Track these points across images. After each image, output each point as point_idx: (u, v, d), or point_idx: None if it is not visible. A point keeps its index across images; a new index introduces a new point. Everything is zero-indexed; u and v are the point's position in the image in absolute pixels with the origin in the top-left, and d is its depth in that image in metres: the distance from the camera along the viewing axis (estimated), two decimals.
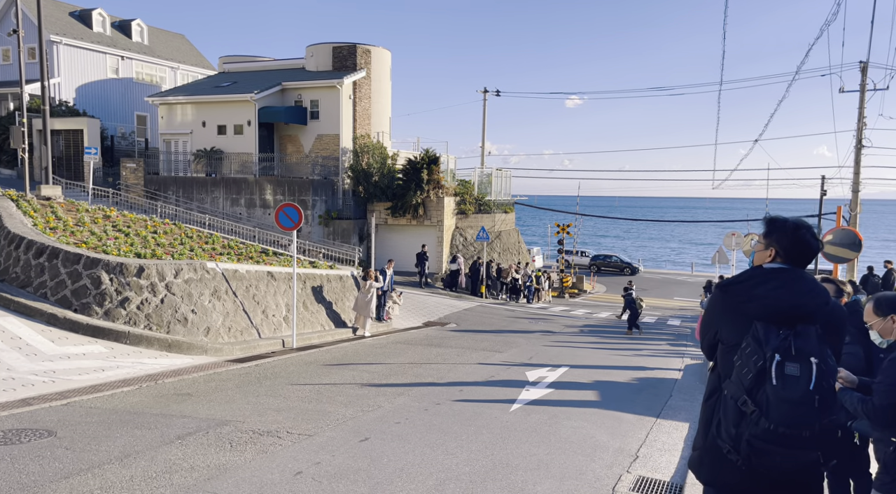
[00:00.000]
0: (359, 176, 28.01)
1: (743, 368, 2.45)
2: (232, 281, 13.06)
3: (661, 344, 16.50)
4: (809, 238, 2.64)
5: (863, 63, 23.63)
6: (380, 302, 17.46)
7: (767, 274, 2.62)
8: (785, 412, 2.34)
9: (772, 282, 2.57)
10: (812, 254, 2.66)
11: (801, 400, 2.32)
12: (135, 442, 5.81)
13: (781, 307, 2.49)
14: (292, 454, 5.66)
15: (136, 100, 34.46)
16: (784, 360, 2.37)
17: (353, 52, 29.44)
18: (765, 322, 2.48)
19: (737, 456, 2.47)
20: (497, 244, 30.68)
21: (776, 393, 2.35)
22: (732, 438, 2.47)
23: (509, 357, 12.36)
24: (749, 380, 2.41)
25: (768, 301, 2.52)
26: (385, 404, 7.72)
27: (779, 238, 2.65)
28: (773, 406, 2.35)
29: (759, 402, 2.39)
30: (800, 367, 2.35)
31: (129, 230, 14.81)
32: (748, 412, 2.41)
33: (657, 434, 7.04)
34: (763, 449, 2.40)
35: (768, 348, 2.41)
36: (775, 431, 2.35)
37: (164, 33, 39.97)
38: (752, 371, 2.41)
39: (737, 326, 2.56)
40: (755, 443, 2.40)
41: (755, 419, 2.39)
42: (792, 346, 2.39)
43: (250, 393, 8.07)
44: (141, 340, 10.58)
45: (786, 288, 2.53)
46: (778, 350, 2.40)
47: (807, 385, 2.32)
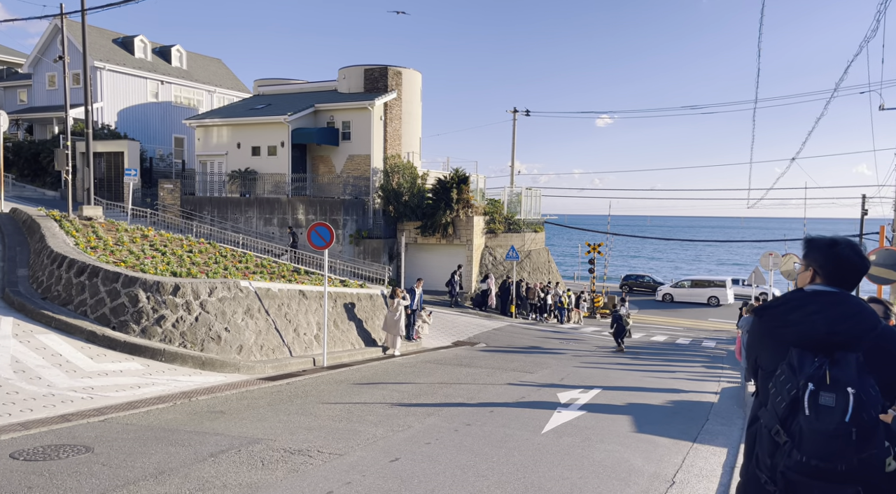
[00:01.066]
0: (389, 195, 28.27)
1: (777, 396, 2.36)
2: (264, 300, 13.22)
3: (695, 367, 16.13)
4: (850, 254, 2.52)
5: None
6: (409, 321, 17.48)
7: (806, 297, 2.51)
8: (818, 444, 2.23)
9: (810, 307, 2.45)
10: (855, 272, 2.53)
11: (836, 432, 2.20)
12: (169, 459, 5.87)
13: (817, 333, 2.37)
14: (323, 473, 5.65)
15: (175, 123, 35.48)
16: (818, 390, 2.27)
17: (385, 74, 29.90)
18: (800, 348, 2.37)
19: (774, 488, 2.37)
20: (527, 263, 30.53)
21: (809, 423, 2.25)
22: (769, 468, 2.38)
23: (540, 378, 12.22)
24: (783, 409, 2.33)
25: (803, 326, 2.41)
26: (415, 424, 7.68)
27: (816, 257, 2.56)
28: (806, 437, 2.25)
29: (791, 433, 2.29)
30: (835, 397, 2.23)
31: (166, 249, 15.15)
32: (781, 442, 2.32)
33: (694, 459, 6.85)
34: (799, 482, 2.29)
35: (802, 376, 2.31)
36: (808, 463, 2.25)
37: (201, 58, 41.21)
38: (785, 400, 2.33)
39: (774, 352, 2.46)
40: (790, 475, 2.31)
41: (788, 450, 2.30)
42: (827, 375, 2.27)
43: (282, 412, 8.11)
44: (176, 358, 10.76)
45: (823, 312, 2.41)
46: (812, 378, 2.29)
47: (842, 416, 2.20)
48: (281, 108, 29.69)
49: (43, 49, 34.01)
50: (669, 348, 20.68)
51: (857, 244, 2.60)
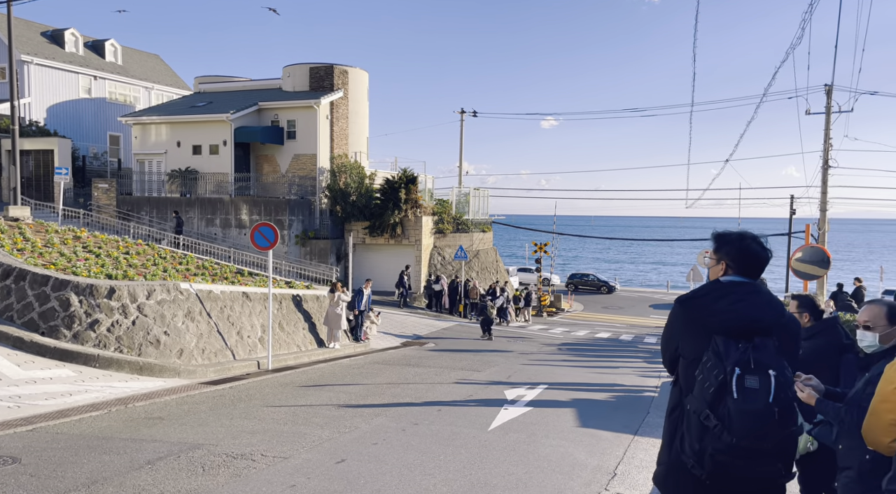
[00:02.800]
0: (336, 195, 27.95)
1: (705, 382, 2.45)
2: (206, 302, 12.86)
3: (637, 362, 16.59)
4: (756, 247, 2.67)
5: (828, 86, 24.37)
6: (357, 322, 17.33)
7: (726, 287, 2.64)
8: (747, 425, 2.35)
9: (731, 296, 2.59)
10: (761, 263, 2.67)
11: (762, 412, 2.34)
12: (103, 468, 5.63)
13: (742, 321, 2.51)
14: (267, 477, 5.54)
15: (110, 120, 34.07)
16: (744, 373, 2.39)
17: (331, 73, 29.56)
18: (724, 335, 2.50)
19: (701, 471, 2.47)
20: (475, 263, 30.73)
21: (737, 406, 2.36)
22: (696, 453, 2.47)
23: (488, 376, 12.32)
24: (711, 394, 2.42)
25: (729, 315, 2.53)
26: (362, 425, 7.61)
27: (728, 250, 2.69)
28: (735, 419, 2.36)
29: (721, 416, 2.39)
30: (759, 380, 2.37)
31: (101, 251, 14.54)
32: (711, 426, 2.41)
33: (634, 451, 7.04)
34: (727, 463, 2.41)
35: (728, 362, 2.42)
36: (738, 445, 2.36)
37: (138, 53, 39.75)
38: (713, 385, 2.42)
39: (697, 340, 2.57)
40: (719, 457, 2.41)
41: (718, 433, 2.40)
42: (751, 359, 2.41)
43: (224, 416, 7.90)
44: (111, 363, 10.33)
45: (745, 301, 2.56)
46: (738, 363, 2.41)
47: (766, 397, 2.34)
48: (223, 106, 28.95)
49: None
50: (613, 344, 21.20)
51: (760, 237, 2.76)
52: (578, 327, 26.30)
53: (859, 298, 20.49)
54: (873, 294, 27.95)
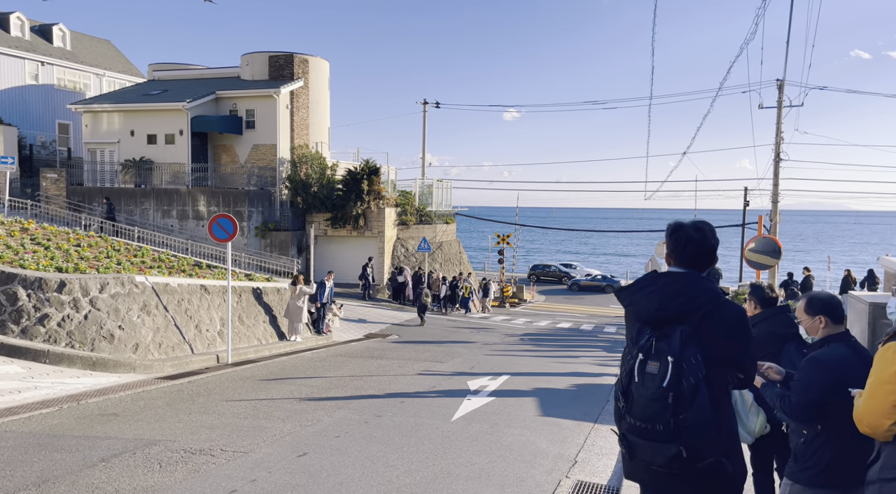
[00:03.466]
0: (297, 186, 27.55)
1: (622, 368, 2.63)
2: (163, 296, 12.54)
3: (598, 351, 16.88)
4: (690, 233, 2.67)
5: (779, 81, 25.09)
6: (320, 314, 17.16)
7: (653, 278, 2.73)
8: (641, 407, 2.50)
9: (651, 287, 2.67)
10: (699, 250, 2.66)
11: (654, 395, 2.45)
12: (54, 467, 5.45)
13: (649, 310, 2.61)
14: (226, 472, 5.45)
15: (58, 108, 32.79)
16: (646, 359, 2.52)
17: (291, 62, 29.04)
18: (641, 324, 2.64)
19: (624, 451, 2.65)
20: (438, 255, 30.74)
21: (636, 389, 2.52)
22: (619, 434, 2.66)
23: (451, 367, 12.36)
24: (624, 378, 2.60)
25: (640, 305, 2.66)
26: (324, 418, 7.55)
27: (668, 242, 2.76)
28: (634, 401, 2.53)
29: (627, 399, 2.57)
30: (659, 366, 2.47)
31: (50, 243, 14.02)
32: (620, 408, 2.61)
33: (595, 438, 7.17)
34: (634, 442, 2.56)
35: (636, 348, 2.58)
36: (635, 425, 2.52)
37: (88, 39, 38.32)
38: (625, 369, 2.60)
39: (629, 328, 2.74)
40: (629, 437, 2.58)
41: (623, 414, 2.58)
42: (653, 346, 2.52)
43: (182, 411, 7.74)
44: (62, 359, 9.99)
45: (658, 292, 2.62)
46: (641, 349, 2.55)
47: (661, 382, 2.44)
48: (179, 95, 28.17)
49: None
50: (574, 334, 21.53)
51: (703, 225, 2.72)
52: (540, 317, 26.61)
53: (808, 287, 21.27)
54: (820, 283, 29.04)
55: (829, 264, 32.61)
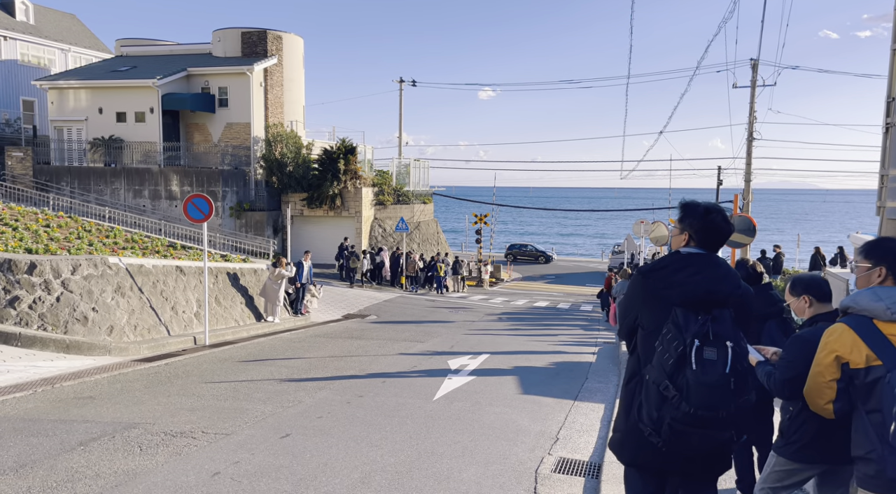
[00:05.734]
0: (272, 166, 27.17)
1: (664, 354, 2.50)
2: (137, 277, 12.32)
3: (575, 329, 17.07)
4: (720, 222, 2.71)
5: (753, 60, 25.32)
6: (298, 295, 17.05)
7: (685, 259, 2.68)
8: (704, 395, 2.41)
9: (690, 268, 2.62)
10: (722, 238, 2.73)
11: (718, 382, 2.40)
12: (31, 451, 5.35)
13: (699, 292, 2.56)
14: (209, 454, 5.41)
15: (22, 84, 31.71)
16: (703, 345, 2.45)
17: (264, 38, 28.43)
18: (684, 307, 2.54)
19: (658, 439, 2.54)
20: (416, 235, 30.68)
21: (696, 377, 2.42)
22: (654, 421, 2.53)
23: (431, 346, 12.40)
24: (670, 366, 2.47)
25: (687, 287, 2.57)
26: (306, 399, 7.53)
27: (691, 222, 2.73)
28: (693, 389, 2.42)
29: (679, 386, 2.45)
30: (717, 351, 2.43)
31: (18, 224, 13.66)
32: (670, 396, 2.47)
33: (575, 416, 7.27)
34: (683, 432, 2.48)
35: (688, 334, 2.48)
36: (695, 414, 2.43)
37: (52, 12, 36.99)
38: (672, 356, 2.47)
39: (657, 312, 2.61)
40: (676, 426, 2.47)
41: (676, 403, 2.46)
42: (710, 331, 2.47)
43: (160, 394, 7.65)
44: (34, 342, 9.79)
45: (702, 273, 2.60)
46: (697, 335, 2.47)
47: (723, 368, 2.41)
48: (148, 71, 27.44)
49: None
50: (551, 313, 21.74)
51: (725, 211, 2.81)
52: (518, 296, 26.80)
53: (779, 264, 21.71)
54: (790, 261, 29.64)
55: (798, 242, 33.32)
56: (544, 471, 5.30)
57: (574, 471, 5.36)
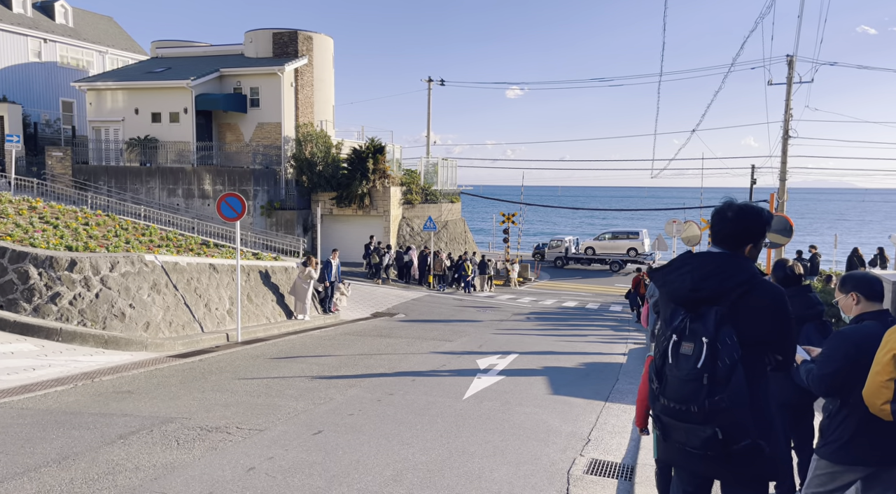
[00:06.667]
0: (302, 165, 27.45)
1: (656, 349, 2.62)
2: (172, 274, 12.58)
3: (605, 330, 16.92)
4: (725, 214, 2.64)
5: (790, 57, 24.74)
6: (327, 293, 17.22)
7: (688, 258, 2.71)
8: (675, 388, 2.48)
9: (685, 267, 2.64)
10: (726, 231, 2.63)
11: (688, 376, 2.43)
12: (73, 444, 5.51)
13: (682, 291, 2.57)
14: (243, 449, 5.50)
15: (62, 86, 32.60)
16: (680, 340, 2.50)
17: (295, 39, 28.74)
18: (675, 304, 2.60)
19: (658, 432, 2.65)
20: (444, 234, 30.73)
21: (671, 370, 2.51)
22: (654, 415, 2.65)
23: (459, 346, 12.41)
24: (658, 360, 2.58)
25: (674, 285, 2.63)
26: (337, 396, 7.60)
27: (710, 220, 2.76)
28: (669, 382, 2.51)
29: (661, 380, 2.55)
30: (693, 347, 2.45)
31: (58, 222, 14.05)
32: (654, 389, 2.59)
33: (607, 417, 7.21)
34: (668, 424, 2.55)
35: (669, 329, 2.56)
36: (669, 406, 2.51)
37: (90, 15, 37.94)
38: (659, 351, 2.58)
39: (663, 309, 2.71)
40: (663, 418, 2.57)
41: (657, 395, 2.57)
42: (687, 327, 2.50)
43: (195, 389, 7.80)
44: (75, 337, 10.07)
45: (693, 272, 2.58)
46: (675, 330, 2.53)
47: (695, 363, 2.42)
48: (183, 72, 27.96)
49: None
50: (580, 313, 21.57)
51: (745, 205, 2.67)
52: (546, 296, 26.65)
53: (815, 265, 21.20)
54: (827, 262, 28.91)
55: (835, 242, 32.48)
56: (576, 472, 5.27)
57: (607, 473, 5.31)
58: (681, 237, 21.61)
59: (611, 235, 39.72)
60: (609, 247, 38.61)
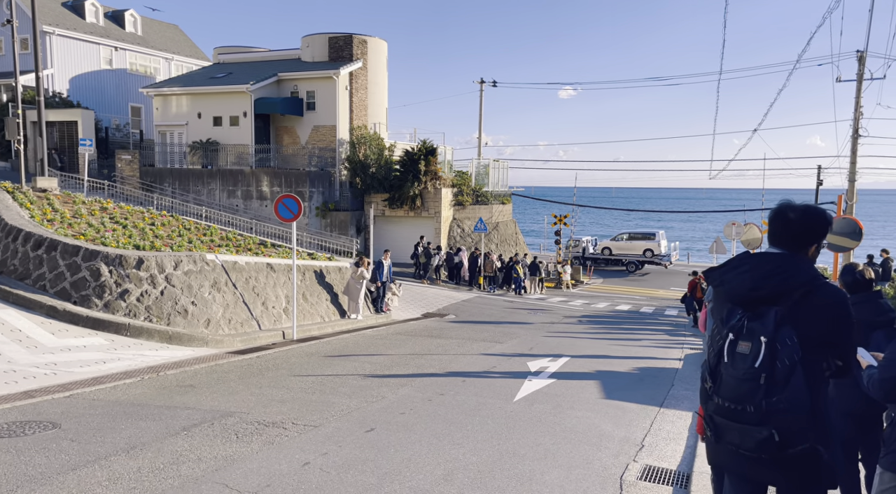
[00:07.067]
0: (356, 167, 27.92)
1: (710, 348, 2.59)
2: (231, 273, 13.01)
3: (659, 335, 16.54)
4: (783, 215, 2.60)
5: (860, 52, 23.62)
6: (379, 293, 17.46)
7: (745, 258, 2.68)
8: (731, 387, 2.45)
9: (743, 267, 2.61)
10: (782, 232, 2.59)
11: (745, 376, 2.40)
12: (140, 434, 5.79)
13: (741, 290, 2.55)
14: (299, 445, 5.65)
15: (131, 92, 34.20)
16: (736, 339, 2.48)
17: (350, 43, 29.26)
18: (732, 304, 2.58)
19: (710, 434, 2.59)
20: (494, 235, 30.68)
21: (726, 370, 2.48)
22: (705, 416, 2.61)
23: (510, 347, 12.38)
24: (712, 359, 2.56)
25: (732, 284, 2.60)
26: (389, 395, 7.71)
27: (768, 221, 2.71)
28: (724, 382, 2.49)
29: (715, 380, 2.53)
30: (750, 346, 2.42)
31: (127, 222, 14.73)
32: (707, 388, 2.56)
33: (661, 423, 7.06)
34: (721, 424, 2.51)
35: (726, 328, 2.54)
36: (724, 406, 2.47)
37: (157, 24, 39.64)
38: (714, 350, 2.56)
39: (718, 309, 2.68)
40: (716, 419, 2.53)
41: (710, 395, 2.54)
42: (745, 326, 2.47)
43: (253, 385, 8.05)
44: (141, 332, 10.55)
45: (753, 271, 2.56)
46: (732, 329, 2.51)
47: (753, 362, 2.39)
48: (242, 77, 28.87)
49: None
50: (634, 316, 21.16)
51: (808, 206, 2.62)
52: (598, 299, 26.25)
53: (887, 270, 20.14)
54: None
55: None
56: (630, 478, 5.19)
57: (661, 480, 5.22)
58: (740, 240, 20.92)
59: (628, 236, 39.09)
60: (626, 247, 38.02)
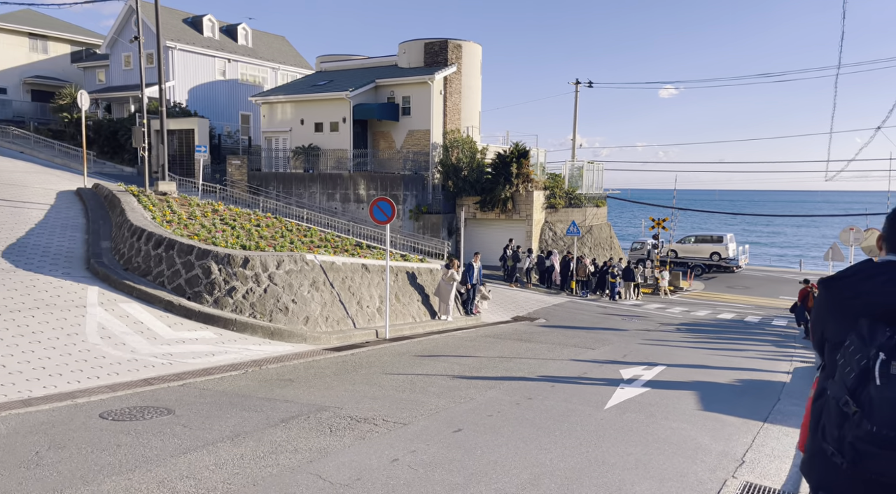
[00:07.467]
0: (448, 170, 28.26)
1: (846, 367, 2.32)
2: (329, 273, 13.55)
3: (766, 346, 15.58)
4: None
5: None
6: (469, 295, 17.58)
7: (876, 267, 2.44)
8: (888, 413, 2.19)
9: (881, 277, 2.37)
10: None
11: None
12: (243, 423, 6.16)
13: (890, 303, 2.30)
14: (388, 441, 5.81)
15: (241, 100, 36.45)
16: (889, 359, 2.21)
17: (444, 48, 29.69)
18: (871, 319, 2.31)
19: (841, 459, 2.34)
20: (588, 239, 30.05)
21: (880, 393, 2.21)
22: (836, 440, 2.34)
23: (602, 354, 12.09)
24: (852, 380, 2.28)
25: (875, 296, 2.34)
26: (476, 396, 7.76)
27: (885, 227, 2.48)
28: (877, 407, 2.21)
29: (861, 403, 2.25)
30: None
31: (235, 223, 15.70)
32: (850, 413, 2.29)
33: (765, 439, 6.66)
34: (868, 452, 2.25)
35: (873, 346, 2.26)
36: (878, 433, 2.21)
37: (266, 35, 41.99)
38: (854, 370, 2.28)
39: (841, 323, 2.41)
40: (859, 446, 2.26)
41: (857, 420, 2.26)
42: None
43: (347, 381, 8.36)
44: (246, 327, 11.21)
45: (894, 281, 2.32)
46: (883, 348, 2.24)
47: None
48: (342, 85, 30.01)
49: (119, 30, 35.46)
50: (737, 326, 20.04)
51: None
52: (698, 307, 25.07)
53: None
54: None
55: None
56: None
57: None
58: (860, 246, 19.31)
59: (695, 238, 37.04)
60: (692, 250, 36.03)
